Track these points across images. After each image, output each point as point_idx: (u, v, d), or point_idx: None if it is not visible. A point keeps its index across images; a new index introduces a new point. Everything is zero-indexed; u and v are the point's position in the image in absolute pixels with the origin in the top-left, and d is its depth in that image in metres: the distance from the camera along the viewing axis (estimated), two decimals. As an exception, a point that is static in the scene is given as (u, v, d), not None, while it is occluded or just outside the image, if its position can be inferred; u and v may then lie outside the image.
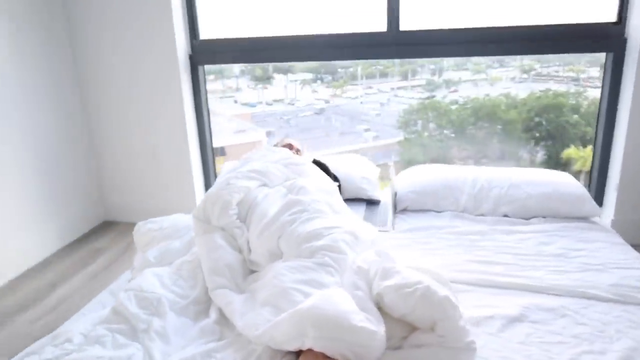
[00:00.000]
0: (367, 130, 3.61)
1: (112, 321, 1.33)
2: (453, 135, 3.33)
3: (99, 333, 1.28)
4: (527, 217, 2.04)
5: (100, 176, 3.09)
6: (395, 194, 2.26)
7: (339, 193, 1.83)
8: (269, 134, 3.65)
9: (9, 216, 2.45)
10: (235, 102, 3.59)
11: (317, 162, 2.20)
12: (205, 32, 2.80)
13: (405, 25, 2.52)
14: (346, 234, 1.43)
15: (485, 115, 3.19)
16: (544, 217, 2.02)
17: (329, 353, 1.03)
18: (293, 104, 3.61)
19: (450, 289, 1.25)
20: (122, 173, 3.04)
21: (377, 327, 1.06)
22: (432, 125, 3.41)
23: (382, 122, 3.63)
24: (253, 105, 3.63)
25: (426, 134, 3.42)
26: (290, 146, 2.25)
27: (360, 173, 2.38)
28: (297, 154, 2.21)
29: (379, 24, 2.54)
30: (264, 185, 1.76)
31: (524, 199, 2.05)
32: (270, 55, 2.75)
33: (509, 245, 1.77)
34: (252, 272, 1.54)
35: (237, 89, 3.57)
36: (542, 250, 1.73)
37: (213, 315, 1.38)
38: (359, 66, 3.38)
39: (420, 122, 3.44)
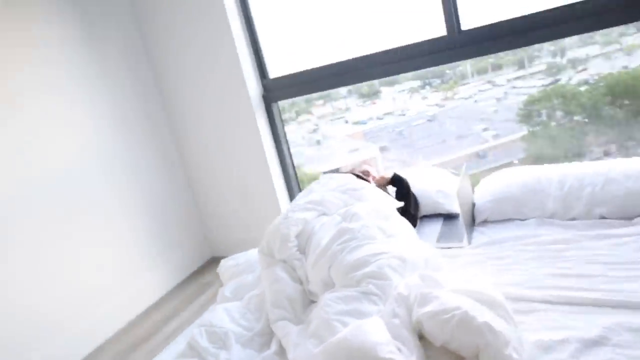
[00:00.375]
0: (485, 129, 3.38)
1: (186, 355, 1.47)
2: (586, 120, 2.96)
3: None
4: (631, 217, 1.75)
5: (201, 214, 3.43)
6: (474, 205, 2.12)
7: (397, 214, 1.79)
8: (382, 149, 3.63)
9: (125, 262, 2.85)
10: (346, 122, 3.64)
11: (397, 179, 2.19)
12: (274, 70, 2.97)
13: (466, 24, 2.39)
14: (393, 259, 1.39)
15: (623, 91, 2.76)
16: (650, 215, 1.72)
17: None
18: (404, 114, 3.53)
19: (503, 311, 1.14)
20: (221, 209, 3.33)
21: (407, 357, 1.02)
22: (559, 114, 3.07)
23: (501, 118, 3.38)
24: (364, 123, 3.63)
25: (553, 123, 3.10)
26: (366, 173, 2.26)
27: (437, 186, 2.28)
28: (369, 177, 2.21)
29: (437, 29, 2.45)
30: (323, 214, 1.79)
31: (623, 196, 1.77)
32: (335, 82, 2.81)
33: (601, 253, 1.54)
34: (312, 302, 1.57)
35: (347, 109, 3.63)
36: (643, 256, 1.47)
37: (274, 346, 1.44)
38: (467, 64, 3.20)
39: (544, 111, 3.13)
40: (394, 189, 2.24)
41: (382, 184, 2.26)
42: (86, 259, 2.61)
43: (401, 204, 1.95)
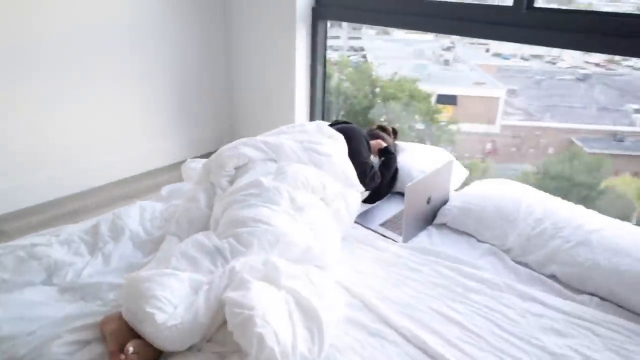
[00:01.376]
0: (638, 111, 2.80)
1: (88, 232, 1.62)
2: None
3: (73, 238, 1.59)
4: (579, 291, 1.50)
5: (232, 103, 3.49)
6: (445, 202, 1.93)
7: (335, 199, 1.70)
8: (510, 92, 3.23)
9: (144, 122, 3.06)
10: (487, 51, 3.28)
11: (387, 152, 2.09)
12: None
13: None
14: (270, 234, 1.36)
15: None
16: (601, 298, 1.46)
17: (129, 324, 1.10)
18: (554, 63, 3.06)
19: (316, 327, 1.11)
20: (247, 108, 3.37)
21: (170, 321, 1.06)
22: None
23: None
24: (506, 58, 3.24)
25: None
26: (377, 135, 2.17)
27: (423, 167, 2.09)
28: (376, 139, 2.13)
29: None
30: (271, 160, 1.75)
31: (587, 267, 1.50)
32: (391, 20, 2.53)
33: (507, 314, 1.37)
34: (210, 231, 1.62)
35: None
36: (548, 342, 1.28)
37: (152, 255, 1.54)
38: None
39: None
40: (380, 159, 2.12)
41: (375, 151, 2.13)
42: (109, 109, 2.86)
43: (361, 189, 1.84)
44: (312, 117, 3.09)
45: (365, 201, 2.04)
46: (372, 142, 2.14)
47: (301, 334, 1.09)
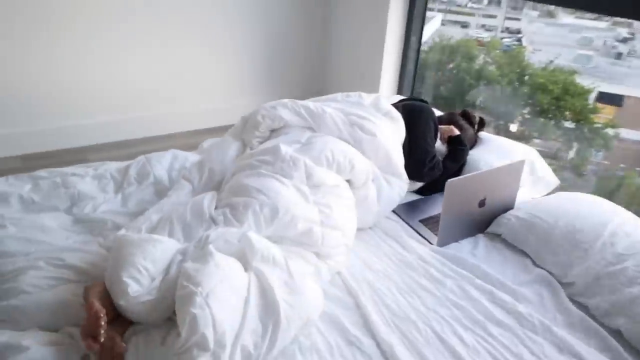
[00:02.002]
0: None
1: (120, 172, 1.67)
2: None
3: (106, 174, 1.65)
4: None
5: (324, 70, 3.36)
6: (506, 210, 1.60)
7: (366, 183, 1.50)
8: None
9: (236, 77, 3.09)
10: None
11: (457, 142, 1.82)
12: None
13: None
14: (268, 207, 1.23)
15: None
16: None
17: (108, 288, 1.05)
18: None
19: (272, 322, 0.98)
20: (341, 76, 3.20)
21: (143, 296, 1.00)
22: None
23: None
24: None
25: None
26: (450, 119, 1.91)
27: (492, 164, 1.76)
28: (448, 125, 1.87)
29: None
30: (309, 128, 1.60)
31: None
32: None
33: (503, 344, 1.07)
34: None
35: None
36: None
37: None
38: None
39: None
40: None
41: (443, 138, 1.86)
42: (200, 61, 2.94)
43: (405, 180, 1.61)
44: (399, 91, 2.83)
45: (417, 191, 1.79)
46: (443, 128, 1.85)
47: (251, 325, 0.96)
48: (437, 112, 1.99)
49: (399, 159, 1.60)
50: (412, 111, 1.77)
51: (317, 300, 1.10)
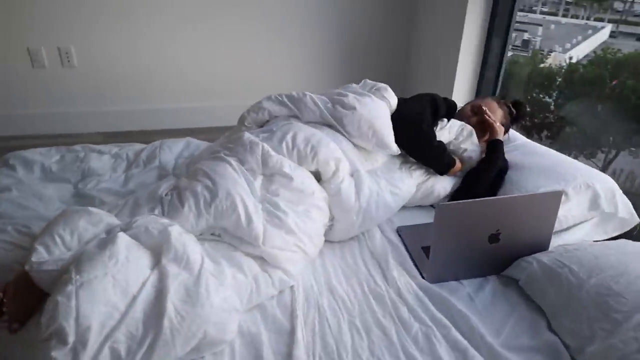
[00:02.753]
0: None
1: (136, 154, 1.71)
2: None
3: (123, 155, 1.71)
4: None
5: (407, 69, 3.11)
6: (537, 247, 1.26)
7: (339, 174, 1.31)
8: None
9: (313, 72, 3.04)
10: None
11: (496, 148, 1.57)
12: None
13: None
14: (208, 192, 1.13)
15: None
16: None
17: None
18: None
19: (152, 332, 0.87)
20: (421, 74, 2.95)
21: (47, 264, 0.96)
22: None
23: None
24: None
25: None
26: (478, 108, 1.63)
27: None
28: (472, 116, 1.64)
29: None
30: (294, 116, 1.48)
31: None
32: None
33: None
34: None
35: None
36: None
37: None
38: None
39: None
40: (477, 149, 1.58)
41: (480, 135, 1.62)
42: (274, 54, 2.95)
43: (395, 151, 1.42)
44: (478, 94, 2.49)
45: (453, 197, 1.53)
46: (487, 121, 1.61)
47: (130, 327, 0.86)
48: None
49: (385, 128, 1.40)
50: (417, 95, 1.62)
51: (226, 319, 0.96)
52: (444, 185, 1.53)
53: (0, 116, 2.65)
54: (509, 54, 2.38)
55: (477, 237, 1.20)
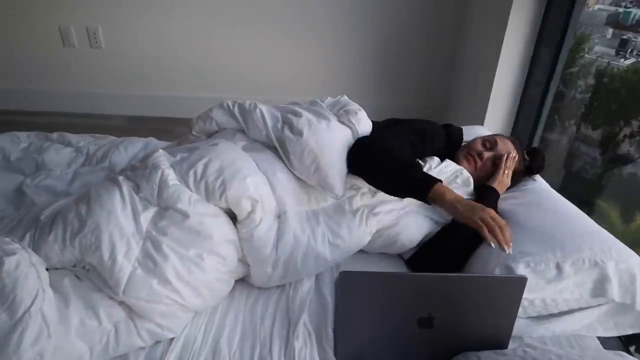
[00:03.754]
0: None
1: (100, 148, 1.62)
2: None
3: (89, 148, 1.63)
4: None
5: (449, 82, 2.74)
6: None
7: (256, 215, 1.07)
8: None
9: (346, 72, 2.80)
10: None
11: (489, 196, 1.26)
12: None
13: None
14: (77, 219, 0.97)
15: None
16: None
17: None
18: None
19: None
20: (467, 83, 2.57)
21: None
22: None
23: None
24: None
25: None
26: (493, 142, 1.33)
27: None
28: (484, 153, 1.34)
29: None
30: (241, 131, 1.28)
31: None
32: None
33: None
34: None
35: None
36: None
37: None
38: None
39: None
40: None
41: (482, 177, 1.32)
42: (307, 56, 2.75)
43: (338, 196, 1.17)
44: (515, 126, 2.08)
45: (408, 263, 1.24)
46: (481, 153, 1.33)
47: None
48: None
49: (332, 166, 1.14)
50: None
51: None
52: (410, 235, 1.22)
53: (29, 91, 2.75)
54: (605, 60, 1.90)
55: (400, 318, 0.92)
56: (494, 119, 2.07)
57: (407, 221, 1.23)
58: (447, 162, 1.27)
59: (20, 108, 2.75)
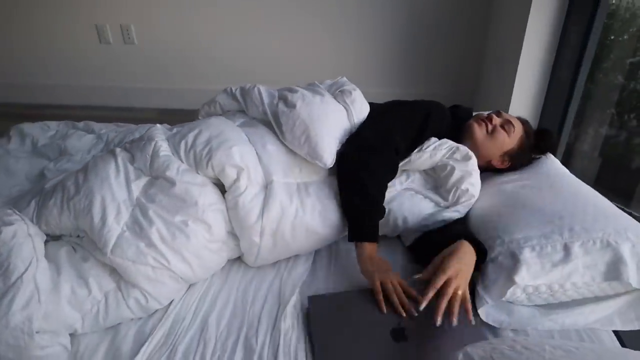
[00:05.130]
0: None
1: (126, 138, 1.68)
2: None
3: (111, 136, 1.69)
4: None
5: (481, 66, 2.63)
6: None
7: (243, 185, 1.08)
8: None
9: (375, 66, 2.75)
10: None
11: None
12: None
13: None
14: (74, 185, 1.04)
15: None
16: None
17: None
18: None
19: None
20: (490, 78, 2.46)
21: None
22: None
23: None
24: None
25: None
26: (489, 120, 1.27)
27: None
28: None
29: None
30: (242, 112, 1.31)
31: None
32: None
33: None
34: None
35: None
36: None
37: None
38: None
39: None
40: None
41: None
42: (330, 43, 2.73)
43: (327, 164, 1.13)
44: (542, 116, 1.97)
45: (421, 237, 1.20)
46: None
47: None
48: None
49: (323, 137, 1.12)
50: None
51: (26, 343, 0.83)
52: (404, 215, 1.18)
53: (66, 86, 2.90)
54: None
55: (375, 333, 0.90)
56: (518, 102, 1.97)
57: (402, 200, 1.19)
58: (444, 140, 1.22)
59: (59, 102, 2.92)
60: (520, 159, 1.28)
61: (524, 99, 1.96)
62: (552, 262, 0.98)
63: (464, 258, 0.97)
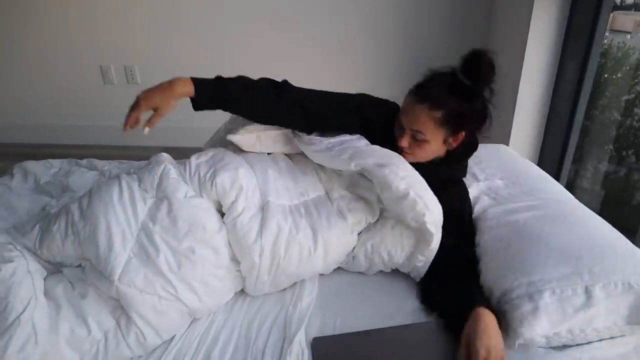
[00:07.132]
0: None
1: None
2: None
3: (116, 169, 1.69)
4: None
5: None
6: None
7: (225, 200, 1.09)
8: None
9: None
10: None
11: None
12: None
13: None
14: (78, 212, 1.04)
15: None
16: None
17: None
18: None
19: None
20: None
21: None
22: None
23: None
24: None
25: None
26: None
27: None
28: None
29: None
30: None
31: None
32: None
33: None
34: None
35: None
36: None
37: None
38: None
39: None
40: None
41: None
42: (325, 63, 2.80)
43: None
44: (542, 152, 1.98)
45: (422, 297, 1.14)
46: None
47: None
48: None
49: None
50: None
51: None
52: (389, 249, 1.15)
53: (69, 126, 2.94)
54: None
55: None
56: (517, 139, 1.99)
57: (385, 232, 1.15)
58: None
59: (64, 142, 2.94)
60: (465, 125, 1.18)
61: (523, 137, 1.98)
62: (573, 307, 0.95)
63: (488, 330, 0.91)
